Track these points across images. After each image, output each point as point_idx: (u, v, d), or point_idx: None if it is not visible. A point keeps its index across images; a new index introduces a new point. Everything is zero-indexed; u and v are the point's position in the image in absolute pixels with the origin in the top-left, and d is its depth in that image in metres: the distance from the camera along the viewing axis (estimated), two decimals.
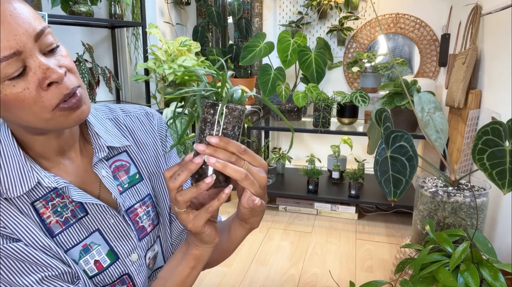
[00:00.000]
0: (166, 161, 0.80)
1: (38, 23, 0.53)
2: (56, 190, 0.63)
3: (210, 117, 0.56)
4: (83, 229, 0.65)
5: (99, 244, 0.67)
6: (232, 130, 0.57)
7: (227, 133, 0.57)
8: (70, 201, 0.64)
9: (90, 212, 0.66)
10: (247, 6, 2.82)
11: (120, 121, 0.75)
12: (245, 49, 2.51)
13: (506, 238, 1.45)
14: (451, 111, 2.10)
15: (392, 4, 2.65)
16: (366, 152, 2.57)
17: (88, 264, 0.65)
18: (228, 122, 0.57)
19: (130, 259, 0.70)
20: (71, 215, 0.64)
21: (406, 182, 0.99)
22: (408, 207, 2.30)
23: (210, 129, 0.57)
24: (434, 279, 0.89)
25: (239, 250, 2.04)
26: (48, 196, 0.63)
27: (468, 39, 1.93)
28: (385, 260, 1.94)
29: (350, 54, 2.80)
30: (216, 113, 0.56)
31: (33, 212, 0.61)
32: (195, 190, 0.56)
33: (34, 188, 0.61)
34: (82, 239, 0.65)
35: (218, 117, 0.56)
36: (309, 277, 1.80)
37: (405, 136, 1.01)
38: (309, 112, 2.76)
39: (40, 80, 0.52)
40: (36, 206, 0.61)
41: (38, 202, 0.62)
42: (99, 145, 0.68)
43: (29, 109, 0.53)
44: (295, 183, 2.62)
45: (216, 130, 0.57)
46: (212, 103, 0.56)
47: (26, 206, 0.60)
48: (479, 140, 0.98)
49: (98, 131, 0.69)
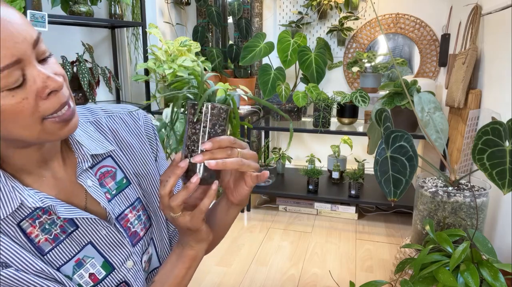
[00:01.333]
0: (158, 164, 0.78)
1: (33, 30, 0.51)
2: (42, 208, 0.60)
3: (192, 117, 0.59)
4: (74, 243, 0.63)
5: (93, 256, 0.65)
6: (213, 128, 0.59)
7: (210, 132, 0.59)
8: (58, 217, 0.61)
9: (81, 225, 0.63)
10: (247, 6, 2.82)
11: (102, 123, 0.72)
12: (245, 49, 2.51)
13: (506, 238, 1.45)
14: (451, 111, 2.10)
15: (392, 4, 2.65)
16: (366, 152, 2.57)
17: (82, 278, 0.63)
18: (209, 120, 0.59)
19: (125, 266, 0.68)
20: (61, 231, 0.62)
21: (406, 182, 0.99)
22: (408, 207, 2.30)
23: (192, 128, 0.59)
24: (434, 279, 0.89)
25: (239, 250, 2.04)
26: (34, 214, 0.59)
27: (468, 39, 1.93)
28: (385, 260, 1.94)
29: (350, 54, 2.80)
30: (196, 113, 0.58)
31: (20, 234, 0.58)
32: (185, 192, 0.59)
33: (19, 208, 0.58)
34: (74, 254, 0.63)
35: (198, 116, 0.58)
36: (309, 277, 1.80)
37: (405, 136, 1.01)
38: (309, 112, 2.76)
39: (39, 90, 0.50)
40: (23, 226, 0.58)
41: (24, 222, 0.59)
42: (82, 155, 0.64)
43: (23, 121, 0.50)
44: (295, 183, 2.61)
45: (197, 129, 0.59)
46: (193, 104, 0.58)
47: (12, 228, 0.58)
48: (479, 140, 0.98)
49: (80, 139, 0.65)
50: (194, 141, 0.59)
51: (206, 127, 0.59)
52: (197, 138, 0.59)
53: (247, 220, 2.42)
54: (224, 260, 1.95)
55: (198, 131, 0.59)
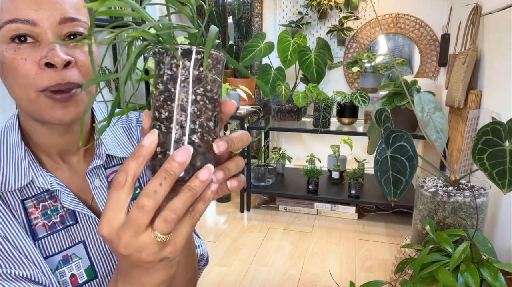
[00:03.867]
0: None
1: (74, 12, 0.53)
2: (50, 192, 0.60)
3: (186, 74, 0.37)
4: (68, 238, 0.61)
5: (81, 257, 0.63)
6: (217, 92, 0.40)
7: (212, 98, 0.39)
8: (62, 206, 0.61)
9: (80, 221, 0.62)
10: (247, 6, 2.82)
11: (133, 131, 0.71)
12: (245, 49, 2.51)
13: (506, 238, 1.45)
14: (451, 111, 2.10)
15: (392, 4, 2.65)
16: (366, 152, 2.57)
17: (63, 276, 0.60)
18: (213, 81, 0.39)
19: (109, 279, 0.64)
20: (59, 221, 0.61)
21: (406, 182, 0.99)
22: (408, 207, 2.30)
23: (184, 92, 0.37)
24: (434, 279, 0.89)
25: (239, 250, 2.04)
26: (41, 197, 0.60)
27: (468, 39, 1.93)
28: (385, 260, 1.94)
29: (350, 54, 2.80)
30: (193, 66, 0.37)
31: (21, 210, 0.58)
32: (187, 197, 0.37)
33: (28, 185, 0.59)
34: (64, 249, 0.61)
35: (200, 72, 0.37)
36: (309, 277, 1.80)
37: (405, 136, 1.01)
38: (309, 112, 2.76)
39: (40, 57, 0.51)
40: (26, 204, 0.59)
41: (29, 201, 0.59)
42: (98, 152, 0.64)
43: (19, 79, 0.51)
44: (295, 183, 2.61)
45: (193, 96, 0.37)
46: (187, 50, 0.37)
47: (16, 202, 0.58)
48: (479, 140, 0.98)
49: (104, 138, 0.65)
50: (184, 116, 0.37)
51: (211, 91, 0.39)
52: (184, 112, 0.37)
53: (247, 220, 2.42)
54: (224, 260, 1.95)
55: (194, 100, 0.37)
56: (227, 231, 2.24)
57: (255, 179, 2.59)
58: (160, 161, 0.37)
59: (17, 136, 0.59)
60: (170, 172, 0.36)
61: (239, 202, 2.57)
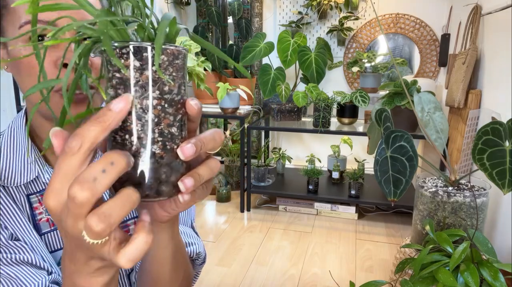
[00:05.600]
0: None
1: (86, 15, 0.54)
2: None
3: (137, 76, 0.31)
4: None
5: None
6: (179, 92, 0.34)
7: (172, 100, 0.33)
8: None
9: None
10: (247, 6, 2.82)
11: None
12: (245, 49, 2.51)
13: (506, 238, 1.45)
14: (451, 111, 2.10)
15: (392, 4, 2.65)
16: (366, 152, 2.57)
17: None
18: (171, 80, 0.33)
19: None
20: None
21: (406, 182, 0.99)
22: (408, 207, 2.30)
23: (137, 98, 0.32)
24: (434, 279, 0.89)
25: (239, 250, 2.04)
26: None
27: (468, 39, 1.93)
28: (385, 260, 1.94)
29: (350, 54, 2.80)
30: (144, 66, 0.31)
31: (26, 204, 0.59)
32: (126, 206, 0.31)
33: (33, 181, 0.60)
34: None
35: (154, 71, 0.32)
36: (309, 277, 1.80)
37: (405, 136, 1.01)
38: (309, 112, 2.76)
39: (57, 57, 0.53)
40: (31, 200, 0.60)
41: (33, 196, 0.60)
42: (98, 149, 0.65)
43: (35, 78, 0.53)
44: (295, 183, 2.61)
45: (149, 101, 0.32)
46: (136, 48, 0.31)
47: (22, 197, 0.59)
48: (479, 140, 0.98)
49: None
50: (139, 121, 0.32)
51: (170, 93, 0.33)
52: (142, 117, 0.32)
53: (247, 220, 2.42)
54: (224, 260, 1.95)
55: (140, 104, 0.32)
56: (227, 231, 2.24)
57: (255, 179, 2.59)
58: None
59: (24, 132, 0.60)
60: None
61: (239, 202, 2.57)
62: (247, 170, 2.48)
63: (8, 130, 0.61)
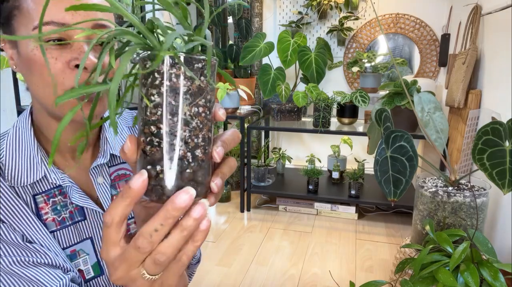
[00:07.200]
0: None
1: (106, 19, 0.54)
2: (60, 188, 0.62)
3: (188, 85, 0.33)
4: (77, 233, 0.63)
5: (88, 253, 0.64)
6: (214, 101, 0.36)
7: (211, 108, 0.35)
8: (71, 202, 0.63)
9: (88, 218, 0.64)
10: (247, 6, 2.82)
11: None
12: (245, 49, 2.51)
13: (506, 238, 1.45)
14: (451, 111, 2.10)
15: (392, 4, 2.65)
16: (366, 152, 2.57)
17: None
18: (212, 89, 0.35)
19: None
20: (69, 217, 0.63)
21: (406, 182, 0.99)
22: (408, 207, 2.30)
23: (187, 105, 0.33)
24: (434, 279, 0.89)
25: (239, 250, 2.04)
26: (51, 192, 0.61)
27: (468, 39, 1.93)
28: (385, 260, 1.94)
29: (350, 54, 2.80)
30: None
31: (32, 204, 0.60)
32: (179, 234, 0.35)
33: (39, 181, 0.60)
34: (72, 244, 0.63)
35: (201, 82, 0.33)
36: (309, 277, 1.80)
37: (405, 136, 1.01)
38: (309, 112, 2.76)
39: (71, 58, 0.53)
40: (37, 200, 0.60)
41: (39, 196, 0.60)
42: (103, 150, 0.66)
43: (48, 78, 0.53)
44: (295, 183, 2.61)
45: (196, 109, 0.34)
46: (188, 59, 0.32)
47: (28, 196, 0.60)
48: (479, 140, 0.98)
49: (109, 137, 0.67)
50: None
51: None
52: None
53: (247, 220, 2.42)
54: (224, 260, 1.95)
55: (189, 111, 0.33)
56: (227, 231, 2.24)
57: (255, 179, 2.59)
58: (160, 182, 0.33)
59: (30, 132, 0.60)
60: (170, 216, 0.32)
61: (239, 202, 2.57)
62: (247, 170, 2.48)
63: (13, 130, 0.61)
